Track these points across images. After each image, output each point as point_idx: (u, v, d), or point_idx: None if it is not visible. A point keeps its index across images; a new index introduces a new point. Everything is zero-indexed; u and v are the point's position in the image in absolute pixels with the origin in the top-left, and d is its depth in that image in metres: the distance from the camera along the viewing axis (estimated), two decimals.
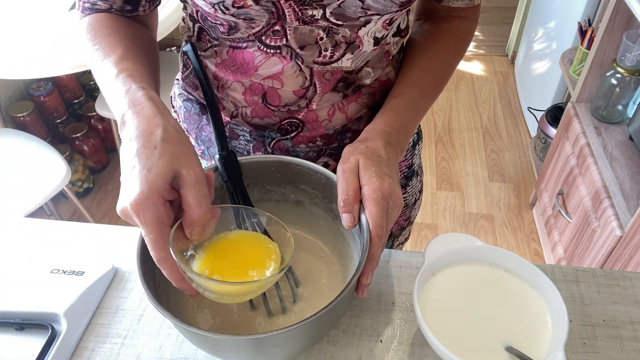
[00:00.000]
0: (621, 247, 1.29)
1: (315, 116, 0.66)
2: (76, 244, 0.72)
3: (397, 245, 0.91)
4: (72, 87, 2.16)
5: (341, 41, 0.60)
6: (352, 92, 0.66)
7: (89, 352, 0.60)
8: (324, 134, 0.68)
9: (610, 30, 1.46)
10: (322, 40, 0.59)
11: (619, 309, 0.64)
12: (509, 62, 2.93)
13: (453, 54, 0.69)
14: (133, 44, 0.59)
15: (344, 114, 0.67)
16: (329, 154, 0.70)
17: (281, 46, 0.59)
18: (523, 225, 2.04)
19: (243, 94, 0.64)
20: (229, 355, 0.53)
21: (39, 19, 1.64)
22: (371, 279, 0.53)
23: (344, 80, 0.64)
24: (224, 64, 0.63)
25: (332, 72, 0.62)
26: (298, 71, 0.61)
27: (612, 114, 1.56)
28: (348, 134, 0.69)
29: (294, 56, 0.60)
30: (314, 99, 0.64)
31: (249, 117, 0.67)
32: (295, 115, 0.66)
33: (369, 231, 0.52)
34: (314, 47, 0.59)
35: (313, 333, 0.52)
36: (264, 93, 0.64)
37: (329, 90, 0.64)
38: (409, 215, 0.87)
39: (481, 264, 0.61)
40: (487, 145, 2.41)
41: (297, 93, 0.63)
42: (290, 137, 0.67)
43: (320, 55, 0.60)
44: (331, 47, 0.60)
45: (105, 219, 2.10)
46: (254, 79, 0.63)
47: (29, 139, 1.67)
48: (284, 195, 0.65)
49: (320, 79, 0.62)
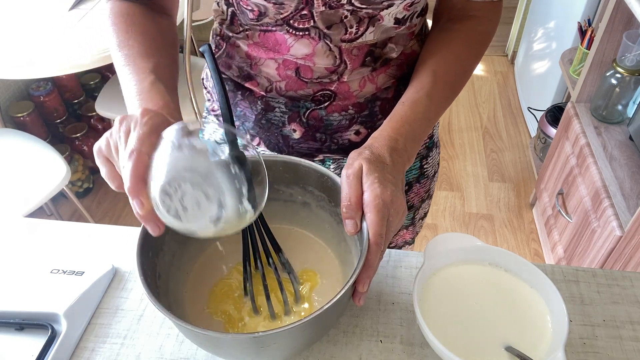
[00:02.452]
0: (621, 247, 1.29)
1: (347, 87, 0.68)
2: (76, 244, 0.72)
3: (418, 219, 0.91)
4: (72, 87, 2.16)
5: (364, 16, 0.62)
6: (381, 65, 0.68)
7: (88, 352, 0.60)
8: (355, 102, 0.70)
9: (610, 30, 1.46)
10: (346, 19, 0.61)
11: (619, 308, 0.64)
12: (508, 62, 2.93)
13: (465, 57, 0.68)
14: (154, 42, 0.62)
15: (374, 84, 0.69)
16: (360, 121, 0.71)
17: (309, 28, 0.62)
18: (523, 225, 2.04)
19: (276, 69, 0.67)
20: (229, 354, 0.53)
21: (39, 19, 1.64)
22: (368, 287, 0.51)
23: (371, 54, 0.66)
24: (256, 45, 0.66)
25: (358, 48, 0.65)
26: (328, 51, 0.64)
27: (612, 114, 1.56)
28: (377, 102, 0.71)
29: (322, 36, 0.63)
30: (344, 73, 0.67)
31: (283, 91, 0.69)
32: (328, 87, 0.68)
33: (368, 239, 0.51)
34: (340, 26, 0.62)
35: (312, 332, 0.52)
36: (297, 68, 0.66)
37: (358, 66, 0.66)
38: (429, 188, 0.88)
39: (481, 264, 0.61)
40: (487, 145, 2.41)
41: (329, 69, 0.66)
42: (324, 106, 0.69)
43: (347, 33, 0.63)
44: (356, 24, 0.62)
45: (105, 219, 2.10)
46: (286, 57, 0.65)
47: (29, 139, 1.67)
48: (291, 195, 0.65)
49: (349, 56, 0.65)
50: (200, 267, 0.65)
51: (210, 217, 0.48)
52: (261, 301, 0.60)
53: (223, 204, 0.48)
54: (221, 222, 0.49)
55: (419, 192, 0.87)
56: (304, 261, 0.65)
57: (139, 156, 0.46)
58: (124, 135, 0.48)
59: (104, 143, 0.50)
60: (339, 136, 0.72)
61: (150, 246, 0.56)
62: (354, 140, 0.72)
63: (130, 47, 0.61)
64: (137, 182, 0.46)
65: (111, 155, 0.50)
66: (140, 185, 0.46)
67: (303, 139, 0.72)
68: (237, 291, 0.62)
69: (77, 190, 2.14)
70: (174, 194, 0.47)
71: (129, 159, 0.46)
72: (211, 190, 0.47)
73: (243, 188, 0.49)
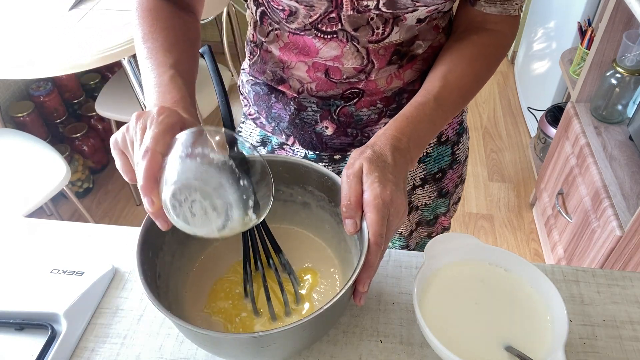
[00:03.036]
0: (621, 247, 1.29)
1: (375, 85, 0.70)
2: (76, 244, 0.72)
3: (452, 204, 0.93)
4: (72, 87, 2.16)
5: (389, 17, 0.63)
6: (407, 62, 0.70)
7: (88, 352, 0.60)
8: (383, 97, 0.72)
9: (610, 30, 1.46)
10: (372, 20, 0.62)
11: (619, 308, 0.64)
12: (508, 62, 2.93)
13: (479, 69, 0.68)
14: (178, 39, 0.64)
15: (401, 80, 0.71)
16: (389, 114, 0.73)
17: (337, 31, 0.63)
18: (523, 225, 2.04)
19: (307, 71, 0.69)
20: (228, 354, 0.53)
21: (39, 19, 1.64)
22: (368, 287, 0.52)
23: (397, 53, 0.68)
24: (286, 48, 0.68)
25: (385, 48, 0.66)
26: (356, 52, 0.66)
27: (612, 113, 1.56)
28: (405, 95, 0.73)
29: (350, 38, 0.64)
30: (372, 72, 0.68)
31: (314, 92, 0.71)
32: (356, 85, 0.70)
33: (368, 238, 0.51)
34: (367, 28, 0.63)
35: (312, 332, 0.52)
36: (326, 69, 0.68)
37: (385, 65, 0.68)
38: (461, 172, 0.90)
39: (481, 264, 0.61)
40: (487, 145, 2.41)
41: (357, 69, 0.68)
42: (353, 103, 0.71)
43: (374, 34, 0.64)
44: (382, 25, 0.63)
45: (105, 219, 2.10)
46: (316, 60, 0.67)
47: (29, 139, 1.67)
48: (291, 195, 0.65)
49: (376, 56, 0.67)
50: (200, 267, 0.65)
51: (216, 226, 0.50)
52: (261, 303, 0.60)
53: (230, 216, 0.49)
54: (226, 230, 0.50)
55: (452, 178, 0.88)
56: (303, 261, 0.65)
57: (153, 155, 0.47)
58: (140, 131, 0.50)
59: (121, 137, 0.52)
60: (369, 130, 0.74)
61: (150, 246, 0.56)
62: None
63: (154, 41, 0.62)
64: (150, 181, 0.47)
65: (127, 149, 0.52)
66: (153, 184, 0.48)
67: (335, 135, 0.74)
68: (237, 288, 0.62)
69: (77, 190, 2.14)
70: (183, 200, 0.48)
71: (144, 157, 0.47)
72: (220, 203, 0.48)
73: (250, 200, 0.50)
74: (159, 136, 0.48)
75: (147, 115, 0.51)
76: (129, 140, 0.51)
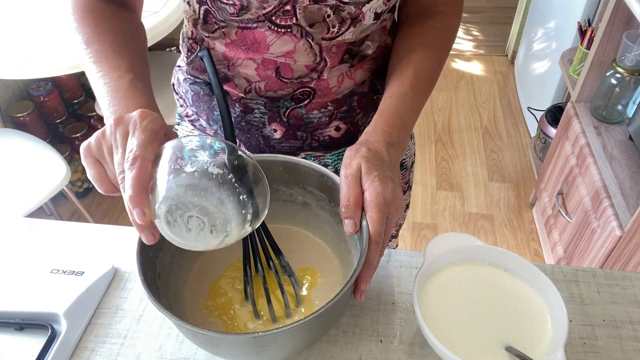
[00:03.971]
0: (621, 246, 1.29)
1: (326, 84, 0.69)
2: (76, 244, 0.72)
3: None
4: (71, 87, 2.16)
5: (347, 17, 0.62)
6: (358, 62, 0.69)
7: (88, 352, 0.60)
8: (334, 99, 0.70)
9: (610, 30, 1.46)
10: (329, 18, 0.61)
11: (619, 308, 0.64)
12: (508, 62, 2.93)
13: (440, 51, 0.69)
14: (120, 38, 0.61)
15: (352, 80, 0.70)
16: (340, 117, 0.72)
17: (291, 25, 0.61)
18: (523, 225, 2.04)
19: (256, 69, 0.66)
20: (228, 354, 0.53)
21: (39, 19, 1.64)
22: (369, 284, 0.52)
23: (349, 52, 0.67)
24: (233, 44, 0.65)
25: (337, 46, 0.65)
26: (309, 48, 0.64)
27: (611, 113, 1.56)
28: (355, 97, 0.72)
29: (304, 34, 0.62)
30: (324, 71, 0.67)
31: (262, 91, 0.68)
32: (308, 85, 0.68)
33: (368, 237, 0.51)
34: (323, 25, 0.62)
35: (312, 332, 0.52)
36: (277, 67, 0.66)
37: (337, 63, 0.67)
38: (408, 179, 0.88)
39: (481, 264, 0.61)
40: (487, 145, 2.41)
41: (309, 67, 0.66)
42: (304, 104, 0.69)
43: (329, 32, 0.63)
44: (338, 24, 0.62)
45: (105, 219, 2.10)
46: (266, 57, 0.65)
47: (29, 139, 1.67)
48: (291, 195, 0.65)
49: (329, 53, 0.65)
50: (200, 267, 0.65)
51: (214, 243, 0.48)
52: (262, 305, 0.60)
53: (228, 232, 0.48)
54: (222, 243, 0.49)
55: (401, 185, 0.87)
56: (303, 261, 0.65)
57: (142, 164, 0.44)
58: (121, 138, 0.47)
59: (95, 143, 0.48)
60: (319, 133, 0.72)
61: (150, 246, 0.55)
62: (334, 137, 0.73)
63: (101, 43, 0.58)
64: (141, 192, 0.44)
65: (102, 157, 0.48)
66: (144, 196, 0.44)
67: (284, 139, 0.71)
68: (237, 287, 0.62)
69: (77, 190, 2.14)
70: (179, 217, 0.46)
71: (132, 166, 0.44)
72: (219, 220, 0.46)
73: (248, 214, 0.48)
74: (146, 143, 0.45)
75: (128, 120, 0.47)
76: (106, 147, 0.47)
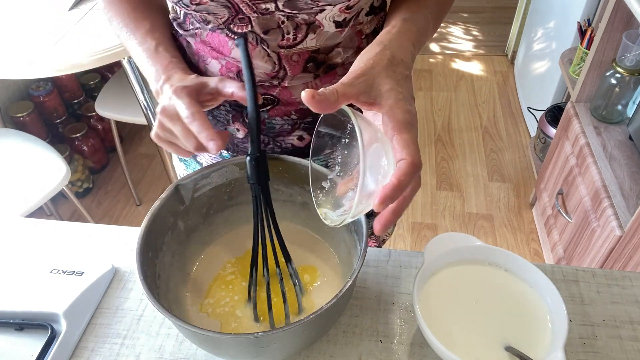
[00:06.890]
0: (621, 246, 1.29)
1: (289, 93, 0.67)
2: (76, 244, 0.72)
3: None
4: (71, 87, 2.16)
5: (301, 23, 0.60)
6: (324, 72, 0.66)
7: (88, 352, 0.60)
8: (298, 108, 0.68)
9: (609, 30, 1.46)
10: (283, 24, 0.60)
11: (619, 308, 0.64)
12: (508, 62, 2.93)
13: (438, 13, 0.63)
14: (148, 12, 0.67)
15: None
16: (303, 127, 0.70)
17: (247, 32, 0.61)
18: (523, 225, 2.04)
19: (220, 70, 0.66)
20: (228, 354, 0.53)
21: (39, 19, 1.64)
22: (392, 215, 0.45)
23: (313, 60, 0.64)
24: (203, 43, 0.66)
25: (299, 54, 0.63)
26: (266, 56, 0.63)
27: (611, 113, 1.56)
28: None
29: (260, 41, 0.61)
30: (285, 79, 0.65)
31: None
32: (270, 92, 0.66)
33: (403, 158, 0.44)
34: (277, 31, 0.61)
35: (312, 332, 0.52)
36: (238, 71, 0.65)
37: (299, 72, 0.64)
38: None
39: (481, 264, 0.61)
40: (486, 145, 2.41)
41: (269, 74, 0.64)
42: (267, 109, 0.68)
43: (284, 39, 0.61)
44: (293, 30, 0.61)
45: (105, 219, 2.10)
46: (228, 60, 0.65)
47: (29, 139, 1.67)
48: (291, 195, 0.65)
49: (289, 62, 0.63)
50: (200, 267, 0.65)
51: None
52: (262, 310, 0.60)
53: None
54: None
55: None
56: (304, 260, 0.65)
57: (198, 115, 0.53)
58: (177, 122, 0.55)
59: (160, 130, 0.57)
60: (282, 140, 0.71)
61: (150, 246, 0.56)
62: (297, 145, 0.71)
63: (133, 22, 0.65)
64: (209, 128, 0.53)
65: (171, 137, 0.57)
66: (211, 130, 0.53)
67: (246, 139, 0.71)
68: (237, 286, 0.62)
69: (76, 190, 2.14)
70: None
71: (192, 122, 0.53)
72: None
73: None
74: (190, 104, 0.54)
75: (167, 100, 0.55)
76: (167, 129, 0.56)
